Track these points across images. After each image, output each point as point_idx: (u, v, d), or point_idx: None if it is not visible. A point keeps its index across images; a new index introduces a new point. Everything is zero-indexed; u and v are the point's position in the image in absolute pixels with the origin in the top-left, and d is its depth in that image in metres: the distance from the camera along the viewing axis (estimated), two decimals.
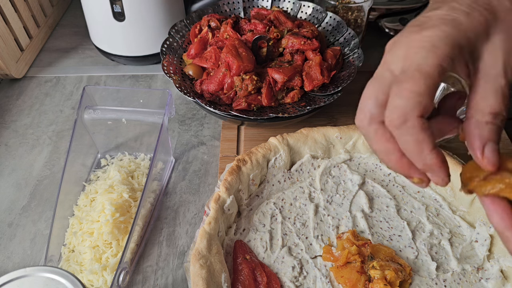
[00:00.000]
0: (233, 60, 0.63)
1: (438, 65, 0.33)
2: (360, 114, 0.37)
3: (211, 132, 0.74)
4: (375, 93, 0.35)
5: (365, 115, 0.36)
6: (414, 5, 0.93)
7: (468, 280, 0.51)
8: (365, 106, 0.36)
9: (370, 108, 0.35)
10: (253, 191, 0.60)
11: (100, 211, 0.57)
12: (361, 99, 0.37)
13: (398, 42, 0.36)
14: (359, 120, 0.37)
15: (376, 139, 0.36)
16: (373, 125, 0.35)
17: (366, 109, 0.36)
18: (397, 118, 0.33)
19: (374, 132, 0.36)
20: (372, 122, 0.35)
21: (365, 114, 0.36)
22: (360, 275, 0.49)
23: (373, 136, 0.36)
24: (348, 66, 0.70)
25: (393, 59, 0.35)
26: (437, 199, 0.59)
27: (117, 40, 0.83)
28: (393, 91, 0.34)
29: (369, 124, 0.36)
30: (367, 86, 0.36)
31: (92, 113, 0.62)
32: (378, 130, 0.35)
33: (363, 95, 0.36)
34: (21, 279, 0.38)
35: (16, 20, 0.83)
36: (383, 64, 0.36)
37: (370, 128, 0.36)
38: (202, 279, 0.46)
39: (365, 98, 0.36)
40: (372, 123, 0.35)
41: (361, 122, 0.37)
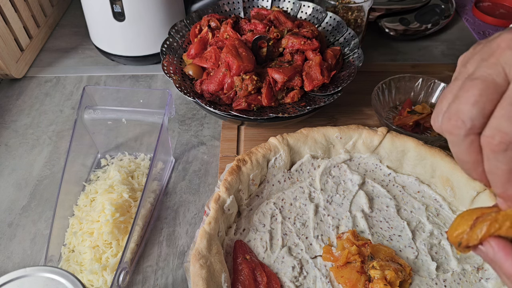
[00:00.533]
0: (233, 60, 0.63)
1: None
2: (456, 120, 0.30)
3: (211, 132, 0.74)
4: (482, 100, 0.29)
5: (464, 124, 0.30)
6: (414, 5, 0.93)
7: (468, 280, 0.51)
8: (467, 113, 0.30)
9: (473, 117, 0.30)
10: (253, 191, 0.60)
11: (100, 211, 0.57)
12: (460, 100, 0.30)
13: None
14: (453, 127, 0.31)
15: (468, 151, 0.31)
16: (470, 137, 0.30)
17: (468, 118, 0.30)
18: (497, 143, 0.29)
19: (469, 144, 0.31)
20: (471, 133, 0.30)
21: (465, 122, 0.30)
22: (360, 275, 0.49)
23: (466, 148, 0.31)
24: (348, 66, 0.70)
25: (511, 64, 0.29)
26: (437, 199, 0.59)
27: (117, 40, 0.83)
28: (503, 110, 0.29)
29: (466, 135, 0.30)
30: (470, 87, 0.30)
31: (92, 113, 0.62)
32: (474, 143, 0.30)
33: (464, 97, 0.30)
34: (21, 279, 0.38)
35: (16, 20, 0.83)
36: (496, 62, 0.30)
37: (466, 139, 0.30)
38: (202, 279, 0.46)
39: (469, 102, 0.30)
40: (470, 134, 0.30)
41: (456, 130, 0.31)
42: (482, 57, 0.31)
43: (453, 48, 0.93)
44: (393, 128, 0.66)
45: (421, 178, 0.61)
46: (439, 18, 0.95)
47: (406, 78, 0.74)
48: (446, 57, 0.91)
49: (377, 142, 0.62)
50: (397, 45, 0.94)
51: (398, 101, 0.75)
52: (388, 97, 0.74)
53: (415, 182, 0.61)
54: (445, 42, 0.95)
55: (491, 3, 1.06)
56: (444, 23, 0.96)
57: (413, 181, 0.61)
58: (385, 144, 0.62)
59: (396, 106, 0.75)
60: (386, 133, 0.62)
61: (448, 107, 0.31)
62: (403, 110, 0.72)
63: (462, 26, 1.00)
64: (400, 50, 0.93)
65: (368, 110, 0.76)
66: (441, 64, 0.88)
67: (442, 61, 0.89)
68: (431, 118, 0.34)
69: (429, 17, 0.94)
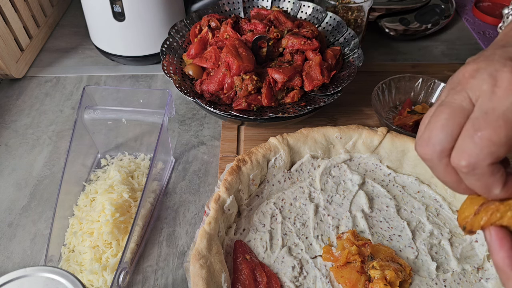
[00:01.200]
0: (233, 60, 0.63)
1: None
2: (428, 146, 0.33)
3: (211, 132, 0.74)
4: (450, 125, 0.31)
5: (434, 149, 0.32)
6: (414, 5, 0.93)
7: (468, 280, 0.51)
8: (436, 138, 0.32)
9: (442, 141, 0.32)
10: (253, 191, 0.60)
11: (100, 211, 0.57)
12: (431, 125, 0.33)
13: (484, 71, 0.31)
14: (426, 153, 0.33)
15: (446, 173, 0.33)
16: (444, 160, 0.32)
17: (437, 142, 0.32)
18: (465, 166, 0.31)
19: (444, 167, 0.33)
20: (443, 156, 0.32)
21: (435, 147, 0.32)
22: (360, 275, 0.49)
23: (442, 170, 0.33)
24: (348, 66, 0.70)
25: (474, 89, 0.31)
26: (437, 199, 0.59)
27: (117, 40, 0.83)
28: (467, 132, 0.30)
29: (439, 158, 0.32)
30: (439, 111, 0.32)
31: (92, 113, 0.62)
32: (449, 165, 0.32)
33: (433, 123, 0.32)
34: (21, 279, 0.38)
35: (16, 20, 0.83)
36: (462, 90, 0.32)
37: (440, 163, 0.33)
38: (202, 279, 0.46)
39: (437, 128, 0.32)
40: (442, 157, 0.32)
41: (429, 156, 0.33)
42: (451, 86, 0.33)
43: (453, 48, 0.93)
44: (393, 128, 0.66)
45: (421, 178, 0.61)
46: (439, 18, 0.95)
47: (406, 78, 0.74)
48: (446, 57, 0.91)
49: (377, 142, 0.62)
50: (397, 45, 0.94)
51: (398, 101, 0.75)
52: (388, 97, 0.74)
53: (415, 182, 0.61)
54: (445, 42, 0.95)
55: (491, 3, 1.06)
56: (444, 23, 0.96)
57: (413, 181, 0.61)
58: (385, 144, 0.62)
59: (396, 106, 0.75)
60: (386, 133, 0.62)
61: (422, 134, 0.34)
62: (403, 110, 0.72)
63: (462, 26, 1.00)
64: (400, 50, 0.93)
65: (368, 110, 0.76)
66: (441, 64, 0.88)
67: (442, 61, 0.89)
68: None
69: (429, 17, 0.94)
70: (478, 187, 0.32)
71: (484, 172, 0.30)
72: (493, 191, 0.31)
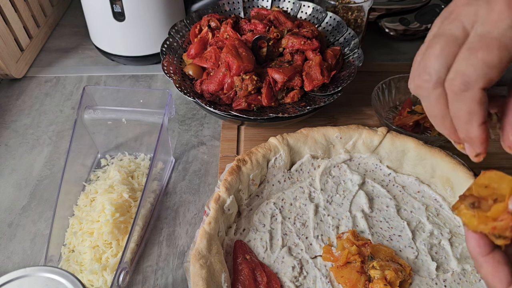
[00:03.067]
0: (233, 60, 0.63)
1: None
2: (424, 75, 0.33)
3: (211, 132, 0.74)
4: (444, 53, 0.32)
5: (430, 77, 0.33)
6: (414, 5, 0.93)
7: (468, 280, 0.51)
8: (431, 66, 0.33)
9: (437, 69, 0.32)
10: (253, 191, 0.60)
11: (100, 211, 0.57)
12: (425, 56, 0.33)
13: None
14: (422, 81, 0.34)
15: (437, 103, 0.33)
16: (438, 89, 0.33)
17: (433, 70, 0.32)
18: (458, 84, 0.31)
19: (437, 96, 0.33)
20: (438, 85, 0.33)
21: (431, 75, 0.33)
22: (360, 275, 0.49)
23: (435, 100, 0.33)
24: (348, 66, 0.70)
25: (470, 16, 0.32)
26: (437, 199, 0.59)
27: (117, 40, 0.83)
28: (462, 54, 0.31)
29: (434, 87, 0.33)
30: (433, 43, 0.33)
31: (92, 113, 0.62)
32: (442, 94, 0.33)
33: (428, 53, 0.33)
34: (21, 279, 0.38)
35: (16, 20, 0.83)
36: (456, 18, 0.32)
37: (434, 92, 0.33)
38: (202, 279, 0.46)
39: (433, 56, 0.33)
40: (437, 87, 0.33)
41: (425, 84, 0.33)
42: (444, 16, 0.34)
43: None
44: (393, 128, 0.66)
45: (421, 178, 0.61)
46: None
47: (406, 78, 0.74)
48: None
49: (377, 142, 0.62)
50: (397, 45, 0.94)
51: (398, 101, 0.75)
52: (388, 97, 0.74)
53: (415, 182, 0.61)
54: None
55: None
56: None
57: (413, 181, 0.61)
58: (385, 144, 0.62)
59: (396, 106, 0.75)
60: (386, 133, 0.62)
61: (417, 65, 0.34)
62: (403, 110, 0.72)
63: None
64: (400, 50, 0.93)
65: (368, 110, 0.76)
66: None
67: None
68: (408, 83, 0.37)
69: (429, 17, 0.94)
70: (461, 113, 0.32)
71: (474, 96, 0.31)
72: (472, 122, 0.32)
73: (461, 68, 0.31)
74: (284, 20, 0.72)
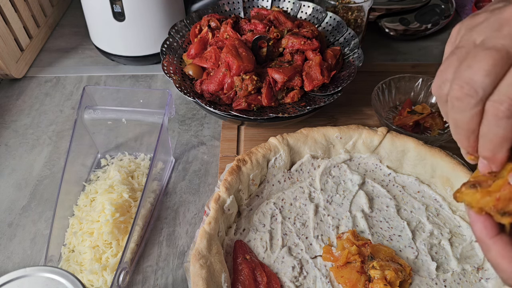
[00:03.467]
0: (233, 60, 0.63)
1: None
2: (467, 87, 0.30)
3: (211, 132, 0.74)
4: (496, 71, 0.29)
5: (476, 93, 0.30)
6: (414, 5, 0.93)
7: (468, 280, 0.51)
8: (480, 82, 0.29)
9: (486, 86, 0.29)
10: (253, 191, 0.60)
11: (100, 211, 0.57)
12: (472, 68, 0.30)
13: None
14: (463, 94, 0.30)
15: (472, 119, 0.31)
16: (479, 107, 0.30)
17: (480, 86, 0.29)
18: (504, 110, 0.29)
19: (475, 114, 0.31)
20: (481, 103, 0.30)
21: (477, 92, 0.30)
22: (360, 275, 0.49)
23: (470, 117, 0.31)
24: (348, 66, 0.70)
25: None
26: (437, 199, 0.59)
27: (117, 40, 0.83)
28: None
29: (476, 104, 0.30)
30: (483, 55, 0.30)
31: (92, 113, 0.62)
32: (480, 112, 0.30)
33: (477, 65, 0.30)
34: (21, 279, 0.38)
35: (16, 20, 0.83)
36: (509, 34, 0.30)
37: (474, 108, 0.30)
38: (202, 279, 0.46)
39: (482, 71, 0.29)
40: (480, 105, 0.30)
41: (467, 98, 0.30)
42: (493, 27, 0.31)
43: None
44: (393, 128, 0.66)
45: (421, 178, 0.61)
46: (439, 18, 0.95)
47: (406, 78, 0.74)
48: None
49: (377, 142, 0.62)
50: (397, 45, 0.94)
51: (398, 101, 0.75)
52: (388, 97, 0.74)
53: (415, 182, 0.61)
54: (445, 42, 0.94)
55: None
56: (444, 23, 0.96)
57: (413, 181, 0.61)
58: (385, 144, 0.62)
59: (396, 106, 0.75)
60: (386, 133, 0.62)
61: (459, 75, 0.31)
62: (403, 110, 0.72)
63: None
64: (400, 50, 0.93)
65: (368, 110, 0.76)
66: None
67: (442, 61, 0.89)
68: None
69: (429, 17, 0.94)
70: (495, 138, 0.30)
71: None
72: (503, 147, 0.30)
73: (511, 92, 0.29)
74: (284, 20, 0.72)
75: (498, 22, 0.31)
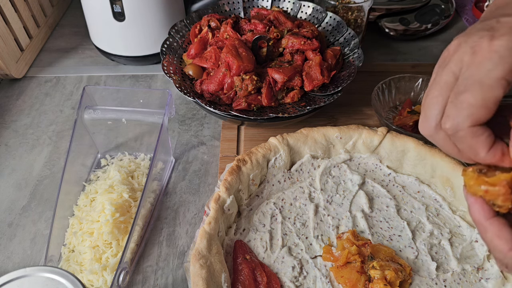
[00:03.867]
0: (233, 60, 0.63)
1: (502, 78, 0.31)
2: (425, 122, 0.36)
3: (211, 132, 0.74)
4: (439, 100, 0.35)
5: (430, 124, 0.36)
6: (414, 5, 0.93)
7: (468, 280, 0.51)
8: (430, 114, 0.35)
9: (435, 116, 0.35)
10: (253, 191, 0.60)
11: (100, 211, 0.57)
12: (425, 105, 0.36)
13: (465, 44, 0.34)
14: (425, 129, 0.36)
15: (445, 144, 0.36)
16: (439, 132, 0.35)
17: (431, 117, 0.35)
18: (449, 128, 0.34)
19: (442, 139, 0.36)
20: (438, 129, 0.35)
21: (430, 122, 0.35)
22: (360, 275, 0.49)
23: (442, 142, 0.36)
24: (348, 66, 0.70)
25: (457, 63, 0.34)
26: (437, 199, 0.59)
27: (117, 40, 0.83)
28: (450, 99, 0.34)
29: (435, 132, 0.36)
30: (431, 91, 0.36)
31: (92, 113, 0.62)
32: (445, 136, 0.35)
33: (427, 101, 0.36)
34: (21, 279, 0.38)
35: (16, 20, 0.83)
36: (447, 66, 0.35)
37: (437, 136, 0.36)
38: (202, 279, 0.46)
39: (430, 105, 0.35)
40: (438, 131, 0.35)
41: (427, 131, 0.36)
42: (439, 64, 0.37)
43: None
44: (393, 128, 0.66)
45: (421, 178, 0.61)
46: (439, 18, 0.95)
47: (406, 78, 0.74)
48: None
49: (377, 142, 0.62)
50: (397, 45, 0.94)
51: (398, 101, 0.75)
52: (388, 97, 0.74)
53: (415, 182, 0.61)
54: (445, 42, 0.95)
55: None
56: (444, 23, 0.96)
57: (413, 181, 0.61)
58: (385, 144, 0.62)
59: (396, 106, 0.75)
60: (386, 133, 0.62)
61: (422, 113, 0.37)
62: (403, 110, 0.72)
63: (462, 26, 1.00)
64: (400, 50, 0.93)
65: (368, 110, 0.76)
66: None
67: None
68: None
69: (429, 17, 0.94)
70: (466, 150, 0.34)
71: (466, 134, 0.33)
72: (478, 153, 0.34)
73: (450, 112, 0.34)
74: (284, 20, 0.72)
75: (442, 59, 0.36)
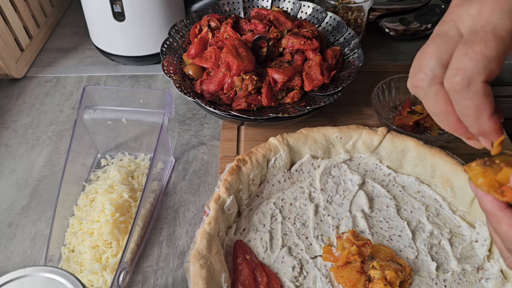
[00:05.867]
0: (233, 60, 0.63)
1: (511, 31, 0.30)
2: (419, 73, 0.34)
3: (211, 132, 0.74)
4: (438, 51, 0.33)
5: (426, 75, 0.33)
6: (414, 5, 0.93)
7: (468, 280, 0.51)
8: (426, 65, 0.33)
9: (432, 67, 0.33)
10: (253, 191, 0.60)
11: (100, 211, 0.57)
12: (421, 56, 0.34)
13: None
14: (418, 80, 0.34)
15: (436, 101, 0.34)
16: (434, 86, 0.33)
17: (427, 68, 0.33)
18: (460, 81, 0.31)
19: (434, 94, 0.34)
20: (433, 82, 0.33)
21: (426, 73, 0.33)
22: (360, 275, 0.49)
23: (433, 98, 0.34)
24: (348, 66, 0.70)
25: (462, 15, 0.32)
26: (437, 199, 0.59)
27: (117, 40, 0.83)
28: (459, 51, 0.31)
29: (429, 85, 0.33)
30: (429, 44, 0.34)
31: (92, 113, 0.62)
32: (439, 92, 0.33)
33: (423, 53, 0.34)
34: (21, 279, 0.38)
35: (16, 20, 0.83)
36: (449, 20, 0.34)
37: (430, 89, 0.34)
38: (202, 279, 0.46)
39: (427, 55, 0.33)
40: (433, 84, 0.33)
41: (420, 82, 0.34)
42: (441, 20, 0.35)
43: None
44: (393, 128, 0.66)
45: (421, 178, 0.61)
46: (439, 18, 0.95)
47: (406, 78, 0.73)
48: None
49: (377, 142, 0.62)
50: (397, 45, 0.94)
51: (398, 101, 0.75)
52: (388, 97, 0.74)
53: (415, 182, 0.61)
54: None
55: None
56: None
57: (413, 181, 0.61)
58: (385, 144, 0.62)
59: (396, 106, 0.75)
60: (386, 133, 0.62)
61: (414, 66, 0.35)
62: (403, 110, 0.72)
63: None
64: (400, 50, 0.93)
65: (368, 110, 0.75)
66: None
67: None
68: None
69: (429, 17, 0.94)
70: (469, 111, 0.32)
71: (477, 90, 0.31)
72: (482, 115, 0.32)
73: (460, 64, 0.31)
74: (284, 20, 0.72)
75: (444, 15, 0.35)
